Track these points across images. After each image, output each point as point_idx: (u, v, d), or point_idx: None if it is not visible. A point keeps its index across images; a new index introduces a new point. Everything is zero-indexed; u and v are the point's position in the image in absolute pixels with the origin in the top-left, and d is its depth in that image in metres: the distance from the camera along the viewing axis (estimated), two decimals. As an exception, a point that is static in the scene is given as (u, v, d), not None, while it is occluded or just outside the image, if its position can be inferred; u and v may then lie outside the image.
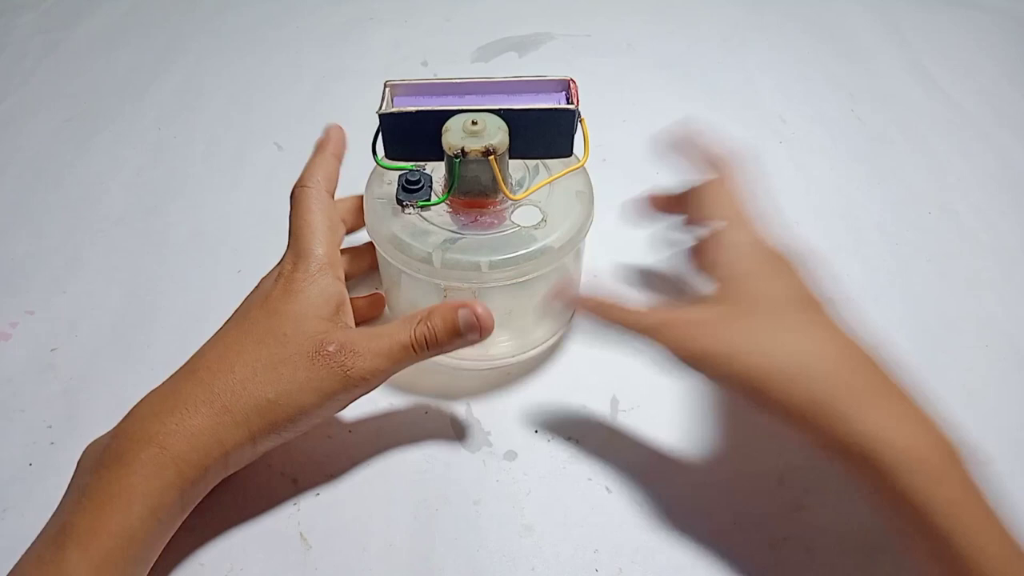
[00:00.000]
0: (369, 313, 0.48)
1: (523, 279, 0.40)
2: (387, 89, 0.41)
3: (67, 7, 0.76)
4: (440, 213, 0.42)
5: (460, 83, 0.41)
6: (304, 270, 0.38)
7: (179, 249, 0.54)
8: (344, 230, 0.44)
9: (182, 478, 0.33)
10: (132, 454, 0.33)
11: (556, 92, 0.41)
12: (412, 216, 0.41)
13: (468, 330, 0.38)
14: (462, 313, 0.38)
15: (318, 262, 0.39)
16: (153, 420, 0.34)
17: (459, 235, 0.40)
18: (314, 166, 0.42)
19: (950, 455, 0.32)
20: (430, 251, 0.39)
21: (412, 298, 0.44)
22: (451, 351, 0.39)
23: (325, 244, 0.39)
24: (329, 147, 0.43)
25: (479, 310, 0.38)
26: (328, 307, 0.38)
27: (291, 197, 0.41)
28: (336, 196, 0.43)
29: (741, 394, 0.34)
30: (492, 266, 0.39)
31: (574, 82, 0.41)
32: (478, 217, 0.41)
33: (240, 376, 0.35)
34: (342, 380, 0.36)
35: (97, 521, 0.31)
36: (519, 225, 0.41)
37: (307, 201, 0.40)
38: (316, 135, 0.62)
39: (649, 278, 0.51)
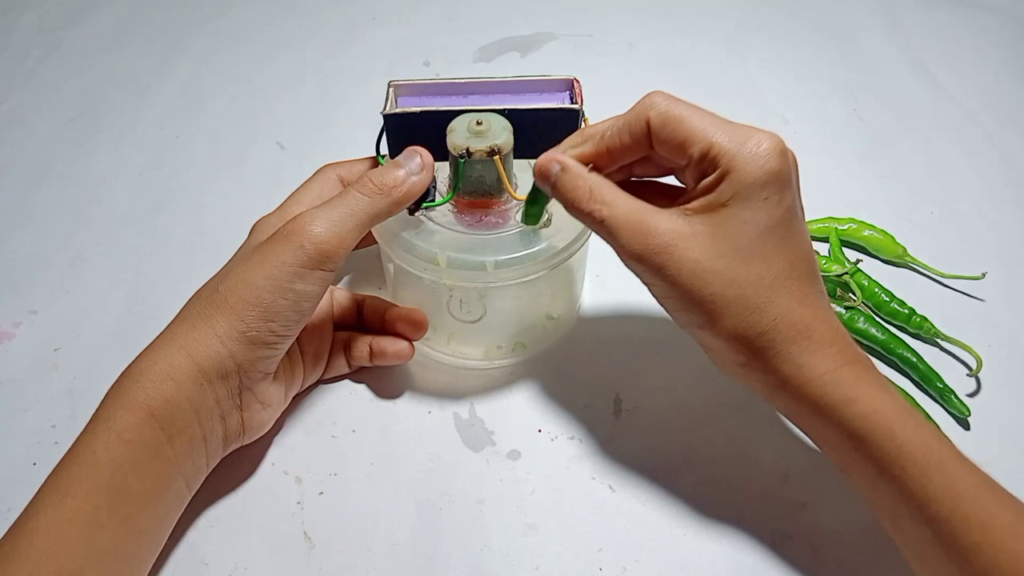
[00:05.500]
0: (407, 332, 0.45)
1: (528, 278, 0.40)
2: (391, 89, 0.41)
3: (69, 6, 0.76)
4: (445, 213, 0.42)
5: (464, 83, 0.41)
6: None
7: (182, 248, 0.54)
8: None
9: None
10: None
11: (560, 92, 0.41)
12: (417, 216, 0.41)
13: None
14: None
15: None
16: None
17: (464, 235, 0.40)
18: (354, 160, 0.44)
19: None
20: (435, 251, 0.39)
21: (417, 298, 0.45)
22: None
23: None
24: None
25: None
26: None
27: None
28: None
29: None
30: (498, 266, 0.39)
31: (578, 81, 0.41)
32: (483, 217, 0.41)
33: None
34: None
35: None
36: (524, 225, 0.41)
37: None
38: (318, 135, 0.63)
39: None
